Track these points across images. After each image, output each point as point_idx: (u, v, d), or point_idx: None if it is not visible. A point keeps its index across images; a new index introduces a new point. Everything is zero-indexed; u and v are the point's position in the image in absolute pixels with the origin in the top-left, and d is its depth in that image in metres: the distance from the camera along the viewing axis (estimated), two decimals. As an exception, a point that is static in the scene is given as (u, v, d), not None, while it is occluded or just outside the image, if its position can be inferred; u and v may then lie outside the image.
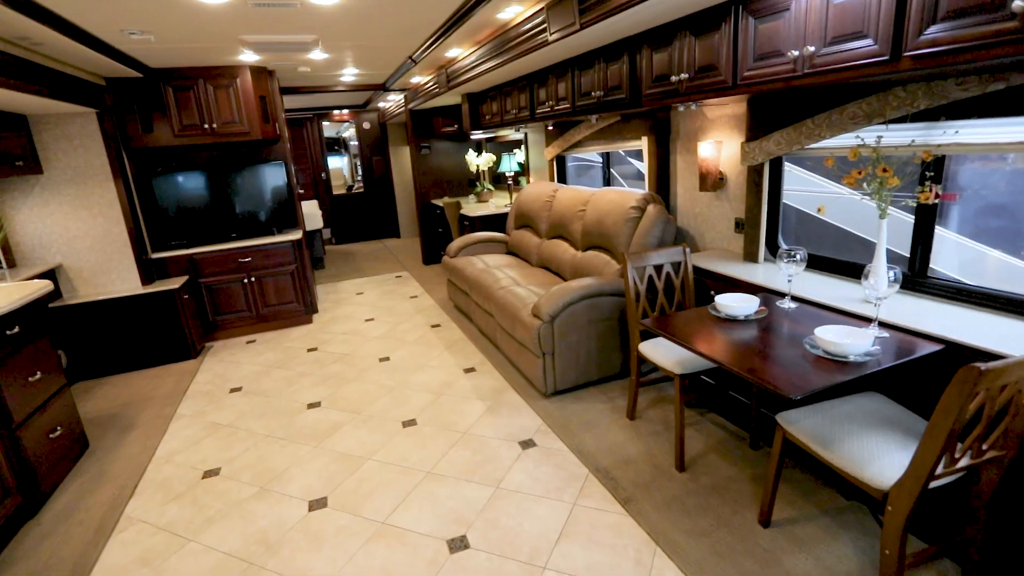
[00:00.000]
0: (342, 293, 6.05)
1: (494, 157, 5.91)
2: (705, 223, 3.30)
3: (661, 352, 2.60)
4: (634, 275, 2.78)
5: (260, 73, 4.44)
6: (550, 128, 4.56)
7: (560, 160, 4.93)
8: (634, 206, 3.37)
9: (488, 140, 6.72)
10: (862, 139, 2.13)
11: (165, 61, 3.92)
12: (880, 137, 2.05)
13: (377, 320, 4.97)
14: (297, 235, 4.79)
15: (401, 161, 9.24)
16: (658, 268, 2.86)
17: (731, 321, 2.21)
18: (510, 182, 5.55)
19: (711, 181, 3.10)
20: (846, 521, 2.10)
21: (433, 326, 4.68)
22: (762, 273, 2.72)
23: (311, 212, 7.01)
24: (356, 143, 9.62)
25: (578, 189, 4.17)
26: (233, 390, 3.71)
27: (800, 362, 1.79)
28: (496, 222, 5.48)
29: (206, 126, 4.26)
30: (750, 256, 2.91)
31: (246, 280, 4.66)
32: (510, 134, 6.00)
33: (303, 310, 4.97)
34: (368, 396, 3.47)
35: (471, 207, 5.86)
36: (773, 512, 2.12)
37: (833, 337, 1.81)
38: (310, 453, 2.89)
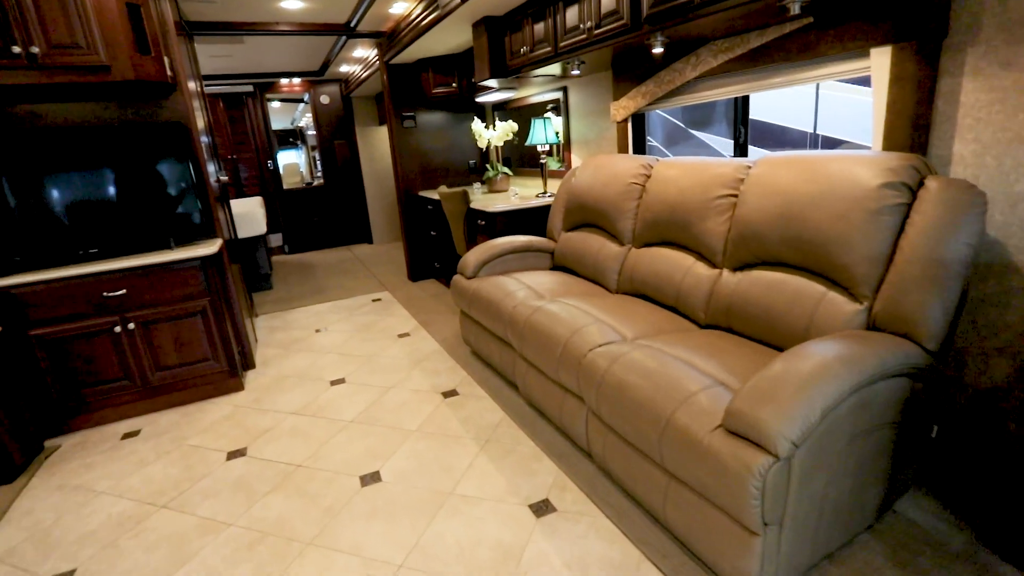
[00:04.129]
0: (295, 329, 4.12)
1: (515, 126, 4.10)
2: (1046, 213, 1.58)
3: None
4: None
5: (129, -37, 2.50)
6: (659, 55, 2.76)
7: (638, 121, 3.16)
8: (887, 183, 1.62)
9: (496, 108, 4.90)
10: None
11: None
12: None
13: (352, 382, 3.09)
14: (211, 248, 2.86)
15: (373, 145, 7.30)
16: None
17: None
18: (543, 160, 3.76)
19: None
20: None
21: (446, 394, 2.83)
22: None
23: (249, 212, 5.03)
24: (313, 128, 7.61)
25: (705, 162, 2.40)
26: (52, 584, 1.79)
27: None
28: (525, 220, 3.67)
29: (17, 50, 2.29)
30: None
31: (120, 327, 2.71)
32: (533, 95, 4.19)
33: (227, 370, 3.04)
34: (344, 601, 1.61)
35: (484, 199, 4.03)
36: None
37: None
38: None
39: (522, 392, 2.60)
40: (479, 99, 4.42)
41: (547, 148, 3.77)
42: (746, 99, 2.56)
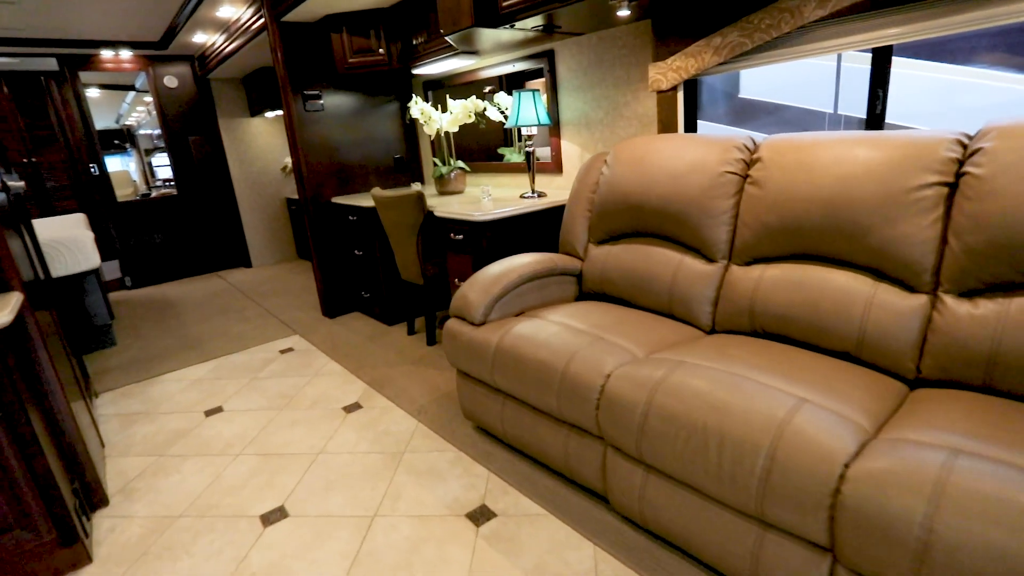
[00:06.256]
0: (168, 413, 2.67)
1: (480, 105, 3.06)
2: None
3: None
4: None
5: None
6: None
7: (691, 89, 2.34)
8: None
9: (430, 86, 3.80)
10: None
11: None
12: None
13: (300, 512, 1.85)
14: None
15: (244, 141, 5.73)
16: None
17: None
18: (531, 149, 2.79)
19: None
20: None
21: (475, 517, 1.75)
22: None
23: (69, 238, 3.36)
24: (149, 125, 5.77)
25: (876, 137, 1.64)
26: None
27: None
28: (516, 230, 2.66)
29: None
30: None
31: None
32: (494, 64, 3.21)
33: (51, 539, 1.64)
34: None
35: (450, 204, 2.93)
36: None
37: None
38: None
39: (621, 505, 1.62)
40: (419, 70, 3.32)
41: (532, 134, 2.82)
42: (886, 54, 1.86)
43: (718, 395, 1.33)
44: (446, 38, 2.46)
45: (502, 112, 3.08)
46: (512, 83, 3.37)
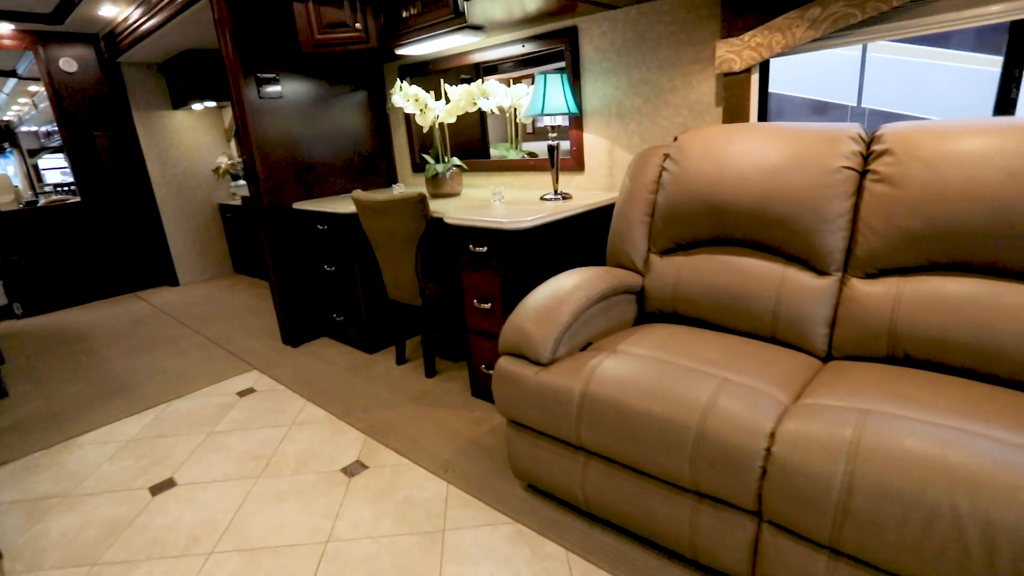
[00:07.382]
0: (92, 494, 1.98)
1: (487, 91, 2.57)
2: None
3: None
4: None
5: None
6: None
7: (764, 72, 2.01)
8: None
9: (408, 71, 3.27)
10: None
11: None
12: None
13: (324, 646, 1.33)
14: None
15: (165, 138, 4.89)
16: None
17: None
18: (554, 143, 2.37)
19: None
20: None
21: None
22: None
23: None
24: (39, 119, 4.80)
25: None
26: None
27: None
28: (549, 241, 2.21)
29: None
30: None
31: None
32: (494, 45, 2.77)
33: None
34: None
35: (447, 207, 2.42)
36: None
37: None
38: None
39: (776, 603, 1.24)
40: (405, 50, 2.80)
41: (556, 125, 2.40)
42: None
43: (961, 463, 0.98)
44: (464, 2, 1.98)
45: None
46: (488, 73, 3.04)
